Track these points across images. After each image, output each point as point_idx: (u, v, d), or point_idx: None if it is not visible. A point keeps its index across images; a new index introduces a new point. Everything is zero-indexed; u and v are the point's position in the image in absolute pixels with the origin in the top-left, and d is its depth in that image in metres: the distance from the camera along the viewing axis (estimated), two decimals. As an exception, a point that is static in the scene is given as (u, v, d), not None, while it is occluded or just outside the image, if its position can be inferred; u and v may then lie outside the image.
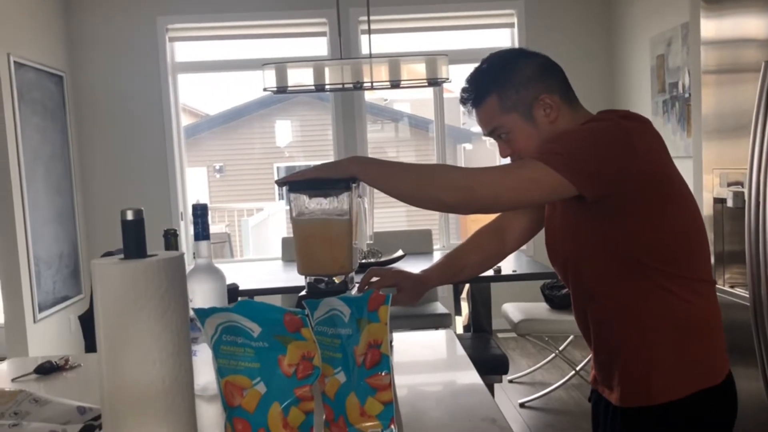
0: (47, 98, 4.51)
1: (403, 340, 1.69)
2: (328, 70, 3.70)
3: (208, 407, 1.23)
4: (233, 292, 1.48)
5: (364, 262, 3.58)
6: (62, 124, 4.68)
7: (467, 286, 3.69)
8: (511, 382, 3.99)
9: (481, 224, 1.66)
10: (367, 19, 4.12)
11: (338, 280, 1.46)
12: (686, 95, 4.00)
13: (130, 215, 0.84)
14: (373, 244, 3.76)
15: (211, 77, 6.53)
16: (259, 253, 7.49)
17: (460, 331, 3.92)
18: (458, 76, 4.16)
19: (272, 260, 4.56)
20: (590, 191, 1.24)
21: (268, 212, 8.15)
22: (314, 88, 3.73)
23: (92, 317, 0.87)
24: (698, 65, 2.57)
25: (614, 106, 5.04)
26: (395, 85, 3.68)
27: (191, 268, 1.27)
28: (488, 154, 8.64)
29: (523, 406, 3.63)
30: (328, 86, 3.74)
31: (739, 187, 2.23)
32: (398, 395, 1.09)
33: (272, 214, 8.11)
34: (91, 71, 4.91)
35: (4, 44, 3.97)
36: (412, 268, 3.54)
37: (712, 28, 2.46)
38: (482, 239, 1.63)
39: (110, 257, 0.86)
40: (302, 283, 1.47)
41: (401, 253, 3.74)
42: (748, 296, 2.08)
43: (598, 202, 1.25)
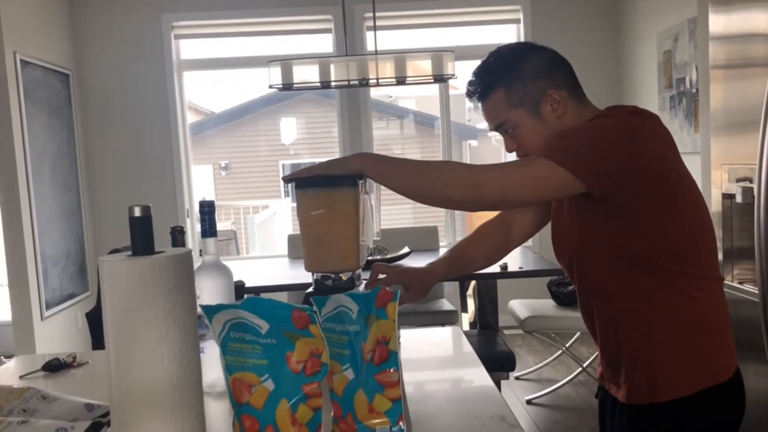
0: (53, 96, 4.52)
1: (410, 337, 1.68)
2: (333, 66, 3.70)
3: (216, 404, 1.23)
4: (240, 289, 1.48)
5: (370, 258, 3.58)
6: (68, 121, 4.69)
7: (473, 283, 3.69)
8: (517, 379, 3.98)
9: (488, 219, 1.65)
10: (372, 15, 4.11)
11: (345, 276, 1.46)
12: (693, 91, 3.98)
13: (137, 212, 0.84)
14: (379, 240, 3.75)
15: (216, 75, 6.52)
16: (265, 250, 7.50)
17: (466, 328, 3.91)
18: (464, 72, 4.15)
19: (278, 257, 4.57)
20: (598, 188, 1.23)
21: (273, 209, 8.15)
22: (320, 84, 3.73)
23: (99, 314, 0.87)
24: (706, 60, 2.55)
25: (621, 101, 5.02)
26: (401, 81, 3.67)
27: (198, 265, 1.27)
28: (494, 150, 8.62)
29: (530, 402, 3.63)
30: (333, 83, 3.73)
31: (747, 182, 2.22)
32: (406, 392, 1.09)
33: (278, 211, 8.12)
34: (96, 69, 4.91)
35: (10, 43, 3.98)
36: (418, 264, 3.54)
37: (720, 23, 2.44)
38: (487, 233, 1.62)
39: (118, 254, 0.86)
40: (309, 280, 1.47)
41: (407, 250, 3.74)
42: (757, 292, 2.07)
43: (605, 198, 1.25)
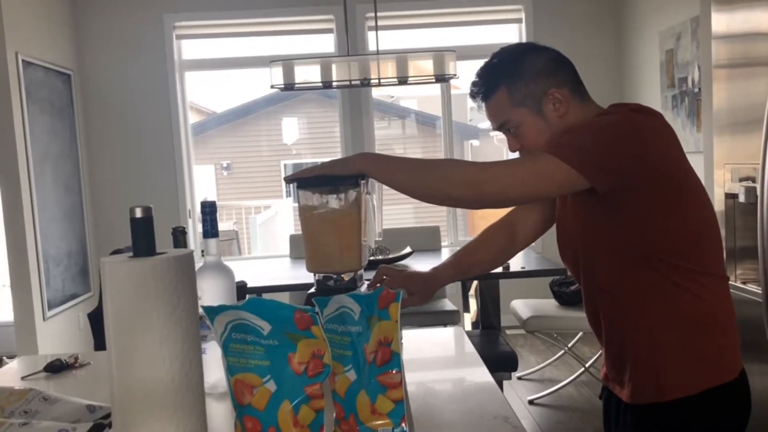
0: (55, 96, 4.52)
1: (412, 337, 1.68)
2: (335, 66, 3.69)
3: (218, 405, 1.22)
4: (241, 289, 1.48)
5: (372, 259, 3.58)
6: (70, 122, 4.69)
7: (475, 282, 3.68)
8: (520, 379, 3.97)
9: (489, 221, 1.64)
10: (374, 15, 4.11)
11: (347, 277, 1.45)
12: (696, 90, 3.97)
13: (139, 213, 0.83)
14: (381, 241, 3.75)
15: (218, 75, 6.53)
16: (267, 250, 7.50)
17: (468, 327, 3.91)
18: (466, 72, 4.14)
19: (280, 257, 4.56)
20: (602, 184, 1.23)
21: (275, 209, 8.15)
22: (321, 84, 3.72)
23: (101, 315, 0.87)
24: (709, 60, 2.54)
25: (623, 100, 4.97)
26: (402, 81, 3.67)
27: (200, 265, 1.27)
28: (496, 150, 8.61)
29: (532, 403, 3.62)
30: (335, 83, 3.73)
31: (750, 182, 2.21)
32: (409, 393, 1.08)
33: (280, 211, 8.12)
34: (98, 69, 4.91)
35: (12, 43, 3.98)
36: (420, 265, 3.54)
37: (723, 22, 2.43)
38: (492, 235, 1.61)
39: (119, 255, 0.86)
40: (310, 280, 1.47)
41: (409, 249, 3.73)
42: (760, 292, 2.06)
43: (609, 196, 1.24)
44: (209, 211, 1.24)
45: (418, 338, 1.69)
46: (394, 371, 0.96)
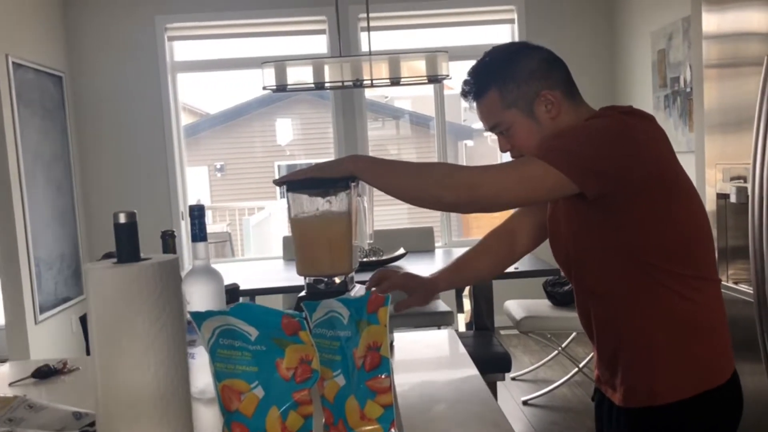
0: (46, 99, 4.50)
1: (403, 339, 1.67)
2: (327, 67, 3.68)
3: (206, 410, 1.21)
4: (234, 292, 1.47)
5: (365, 260, 3.57)
6: (62, 124, 4.67)
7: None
8: (514, 379, 3.97)
9: (482, 221, 1.64)
10: (366, 16, 4.10)
11: (338, 280, 1.45)
12: (688, 90, 3.97)
13: (122, 218, 0.82)
14: (373, 243, 3.74)
15: (211, 76, 6.52)
16: (260, 252, 7.48)
17: (462, 328, 3.90)
18: (458, 72, 4.13)
19: (273, 259, 4.55)
20: (592, 189, 1.23)
21: (269, 211, 8.13)
22: (314, 86, 3.71)
23: (87, 321, 0.85)
24: (700, 59, 2.55)
25: (615, 101, 5.02)
26: (395, 82, 3.66)
27: (189, 270, 1.26)
28: (490, 150, 8.61)
29: (526, 403, 3.62)
30: (327, 84, 3.72)
31: (741, 181, 2.21)
32: (399, 397, 1.08)
33: (273, 212, 8.10)
34: (90, 71, 4.89)
35: (2, 45, 3.96)
36: (413, 266, 3.53)
37: (714, 22, 2.44)
38: (492, 243, 1.60)
39: (103, 261, 0.85)
40: (303, 282, 1.46)
41: (403, 251, 3.72)
42: (752, 292, 2.07)
43: (600, 199, 1.24)
44: (197, 214, 1.23)
45: (410, 341, 1.68)
46: (383, 376, 0.95)
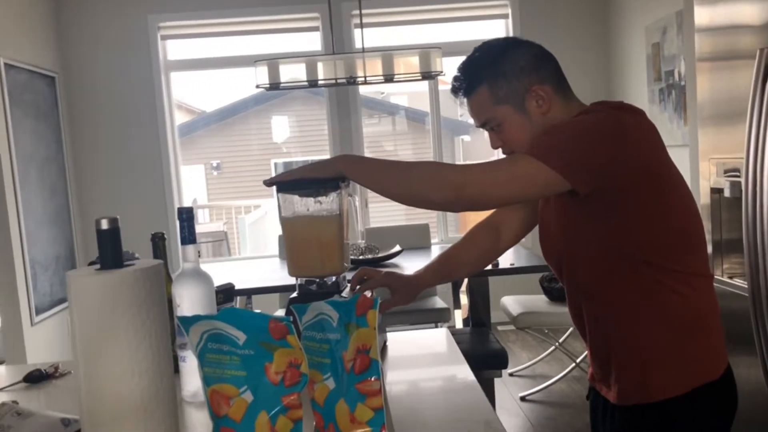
0: (40, 99, 4.48)
1: (397, 339, 1.67)
2: (321, 65, 3.67)
3: (198, 414, 1.21)
4: (229, 291, 1.46)
5: (361, 258, 3.56)
6: (55, 125, 4.65)
7: (466, 279, 3.67)
8: (511, 375, 3.97)
9: (479, 217, 1.63)
10: (359, 13, 4.08)
11: (330, 280, 1.44)
12: (682, 83, 3.97)
13: (105, 224, 0.81)
14: (363, 242, 3.74)
15: (206, 74, 6.49)
16: (256, 250, 7.47)
17: (459, 324, 3.90)
18: (452, 68, 4.12)
19: (269, 258, 4.54)
20: (583, 186, 1.22)
21: (265, 209, 8.12)
22: (307, 83, 3.70)
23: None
24: (693, 53, 2.54)
25: (610, 95, 5.01)
26: (389, 79, 3.65)
27: (178, 272, 1.25)
28: (486, 146, 8.58)
29: (523, 399, 3.62)
30: (321, 82, 3.70)
31: (735, 175, 2.21)
32: (391, 397, 1.07)
33: (269, 211, 8.09)
34: (83, 71, 4.87)
35: (-7, 46, 3.94)
36: (409, 263, 3.52)
37: (706, 15, 2.43)
38: (477, 236, 1.60)
39: (87, 268, 0.84)
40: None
41: (398, 248, 3.72)
42: (746, 286, 2.06)
43: (591, 195, 1.23)
44: (186, 217, 1.22)
45: (403, 340, 1.68)
46: (372, 379, 0.95)
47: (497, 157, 1.36)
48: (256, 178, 8.79)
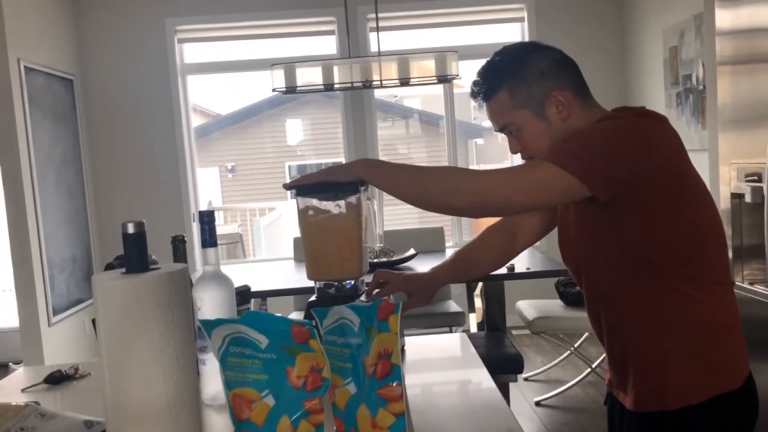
0: (58, 102, 4.52)
1: (415, 344, 1.66)
2: (336, 69, 3.68)
3: (218, 417, 1.21)
4: (245, 293, 1.46)
5: (376, 261, 3.56)
6: (73, 127, 4.69)
7: (480, 283, 3.66)
8: (526, 380, 3.95)
9: (493, 220, 1.62)
10: (375, 16, 4.09)
11: (348, 284, 1.44)
12: (700, 87, 3.94)
13: (131, 228, 0.82)
14: (382, 246, 3.73)
15: (222, 77, 6.53)
16: (271, 253, 7.48)
17: (474, 328, 3.89)
18: (468, 72, 4.12)
19: (284, 260, 4.55)
20: (603, 192, 1.21)
21: (279, 212, 8.14)
22: (323, 87, 3.70)
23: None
24: (713, 56, 2.52)
25: (627, 99, 4.98)
26: (404, 83, 3.65)
27: (199, 275, 1.25)
28: (500, 149, 8.58)
29: (538, 404, 3.60)
30: (337, 85, 3.71)
31: (756, 178, 2.18)
32: (410, 403, 1.07)
33: (284, 213, 8.11)
34: (100, 74, 4.91)
35: (14, 49, 3.98)
36: (424, 266, 3.52)
37: (727, 18, 2.41)
38: (492, 237, 1.60)
39: (112, 272, 0.84)
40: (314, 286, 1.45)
41: (413, 251, 3.71)
42: (767, 293, 2.04)
43: (611, 202, 1.22)
44: (207, 220, 1.22)
45: (421, 345, 1.67)
46: (394, 384, 0.95)
47: (512, 159, 1.36)
48: (270, 180, 8.83)
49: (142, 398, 0.80)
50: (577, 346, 3.85)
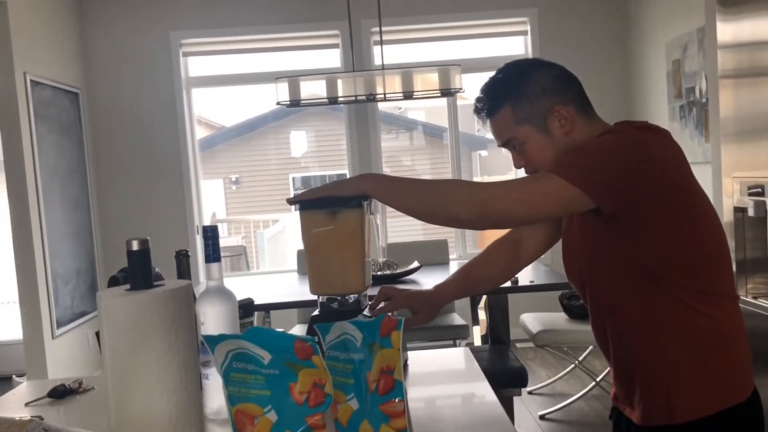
0: (63, 115, 4.55)
1: (418, 358, 1.66)
2: (340, 82, 3.70)
3: (221, 431, 1.21)
4: (248, 306, 1.46)
5: (380, 274, 3.56)
6: (78, 140, 4.72)
7: (484, 296, 3.65)
8: (530, 393, 3.93)
9: (497, 233, 1.63)
10: (379, 30, 4.11)
11: (351, 298, 1.44)
12: (703, 100, 3.94)
13: (135, 245, 0.82)
14: (387, 258, 3.74)
15: (226, 90, 6.56)
16: (275, 265, 7.49)
17: (477, 341, 3.88)
18: (472, 85, 4.13)
19: (288, 272, 4.55)
20: (607, 204, 1.22)
21: (283, 224, 8.15)
22: (327, 100, 3.72)
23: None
24: (715, 69, 2.53)
25: (630, 111, 4.99)
26: (408, 96, 3.67)
27: (202, 290, 1.26)
28: (504, 161, 8.58)
29: (543, 418, 3.58)
30: (341, 98, 3.73)
31: (759, 191, 2.18)
32: (413, 417, 1.06)
33: (288, 225, 8.12)
34: (106, 87, 4.94)
35: (20, 63, 4.01)
36: (428, 278, 3.52)
37: (729, 31, 2.42)
38: (497, 252, 1.60)
39: (116, 288, 0.85)
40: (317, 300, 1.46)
41: (417, 264, 3.71)
42: (772, 306, 2.04)
43: (615, 214, 1.23)
44: (211, 235, 1.22)
45: (424, 359, 1.67)
46: (396, 400, 0.95)
47: (515, 171, 1.37)
48: (274, 192, 8.85)
49: (145, 413, 0.80)
50: (581, 359, 3.83)
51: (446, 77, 3.61)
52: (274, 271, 5.86)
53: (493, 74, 1.39)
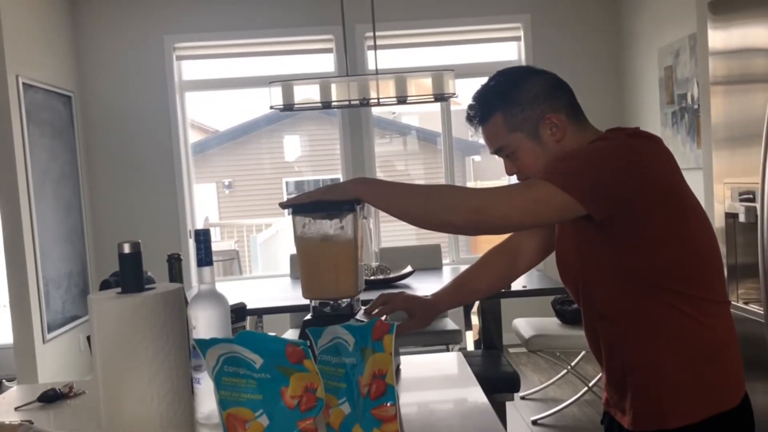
0: (56, 118, 4.53)
1: (410, 363, 1.66)
2: (334, 87, 3.70)
3: (212, 436, 1.20)
4: (241, 311, 1.46)
5: (373, 278, 3.56)
6: (71, 143, 4.70)
7: (477, 301, 3.65)
8: (523, 398, 3.94)
9: (491, 238, 1.63)
10: (373, 35, 4.12)
11: (344, 303, 1.44)
12: (695, 106, 3.97)
13: (127, 248, 0.82)
14: (380, 263, 3.73)
15: (219, 94, 6.55)
16: (267, 269, 7.48)
17: (470, 346, 3.88)
18: (465, 90, 4.14)
19: (281, 277, 4.55)
20: (599, 211, 1.22)
21: (276, 228, 8.14)
22: (321, 105, 3.73)
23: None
24: (706, 76, 2.54)
25: (623, 117, 5.01)
26: (402, 101, 3.67)
27: (194, 294, 1.25)
28: (497, 166, 8.59)
29: (535, 423, 3.58)
30: (334, 103, 3.73)
31: (749, 197, 2.20)
32: (405, 422, 1.06)
33: (281, 230, 8.11)
34: (99, 91, 4.93)
35: (12, 66, 4.00)
36: (421, 283, 3.52)
37: (720, 38, 2.43)
38: (493, 260, 1.60)
39: (107, 291, 0.85)
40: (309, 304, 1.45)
41: (410, 269, 3.71)
42: (762, 312, 2.04)
43: (608, 221, 1.23)
44: (203, 239, 1.22)
45: (416, 364, 1.67)
46: (388, 404, 0.95)
47: (509, 179, 1.37)
48: (267, 196, 8.83)
49: (136, 417, 0.80)
50: (573, 364, 3.84)
51: (440, 82, 3.62)
52: (267, 275, 5.86)
53: (485, 82, 1.40)
